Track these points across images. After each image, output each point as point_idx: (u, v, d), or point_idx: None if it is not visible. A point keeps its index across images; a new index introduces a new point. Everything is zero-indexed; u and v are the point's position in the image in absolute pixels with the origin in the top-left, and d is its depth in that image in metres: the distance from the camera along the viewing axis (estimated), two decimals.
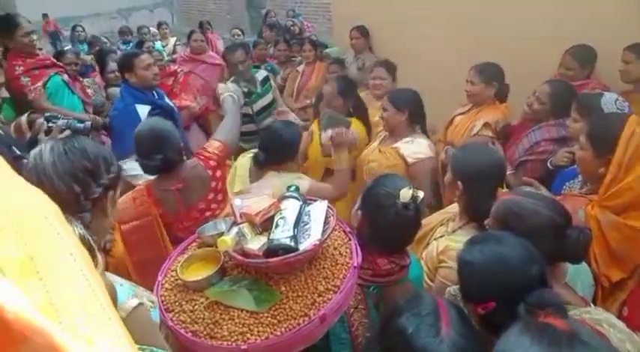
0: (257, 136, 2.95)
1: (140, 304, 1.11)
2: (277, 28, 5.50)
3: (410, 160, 2.30)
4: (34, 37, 3.06)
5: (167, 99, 3.03)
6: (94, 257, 0.85)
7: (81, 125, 2.17)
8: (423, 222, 1.76)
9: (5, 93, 2.09)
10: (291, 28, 5.95)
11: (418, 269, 1.51)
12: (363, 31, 4.13)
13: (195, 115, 3.81)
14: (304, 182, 2.14)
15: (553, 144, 2.29)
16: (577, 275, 1.45)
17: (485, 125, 2.54)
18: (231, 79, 3.32)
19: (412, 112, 2.40)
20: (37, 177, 1.07)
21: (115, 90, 3.74)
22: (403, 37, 3.83)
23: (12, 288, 0.32)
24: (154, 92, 2.83)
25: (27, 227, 0.38)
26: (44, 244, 0.39)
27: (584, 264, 1.48)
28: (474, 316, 1.07)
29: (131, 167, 2.57)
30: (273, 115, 3.37)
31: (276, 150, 2.19)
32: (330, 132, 2.30)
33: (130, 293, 1.11)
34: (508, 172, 2.14)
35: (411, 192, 1.29)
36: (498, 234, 1.20)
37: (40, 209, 0.43)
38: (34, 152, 1.15)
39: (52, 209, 0.44)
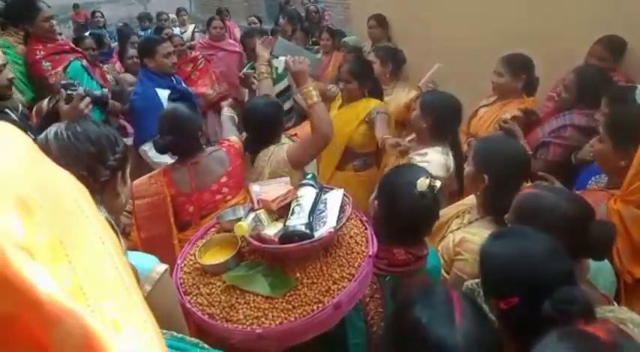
0: None
1: (166, 270, 1.12)
2: (293, 16, 5.46)
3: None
4: (54, 22, 3.09)
5: (184, 85, 3.09)
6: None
7: (99, 92, 2.20)
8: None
9: (10, 74, 2.08)
10: (313, 14, 5.88)
11: (436, 261, 1.48)
12: (380, 20, 4.06)
13: (212, 102, 3.83)
14: (281, 150, 2.02)
15: (580, 134, 2.20)
16: (598, 272, 1.41)
17: (512, 119, 2.43)
18: (248, 65, 3.44)
19: (436, 121, 2.08)
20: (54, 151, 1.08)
21: (126, 76, 3.77)
22: (424, 27, 3.76)
23: (43, 271, 0.32)
24: (173, 77, 2.90)
25: (58, 209, 0.39)
26: (74, 227, 0.39)
27: (605, 261, 1.44)
28: (495, 311, 1.06)
29: (155, 154, 2.60)
30: (290, 100, 3.45)
31: (262, 130, 2.07)
32: (282, 60, 2.17)
33: (153, 261, 1.12)
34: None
35: (428, 181, 1.27)
36: (522, 228, 1.18)
37: (70, 191, 0.43)
38: (40, 138, 1.14)
39: (81, 191, 0.44)
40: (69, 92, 1.99)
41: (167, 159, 2.56)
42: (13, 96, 2.24)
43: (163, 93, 2.74)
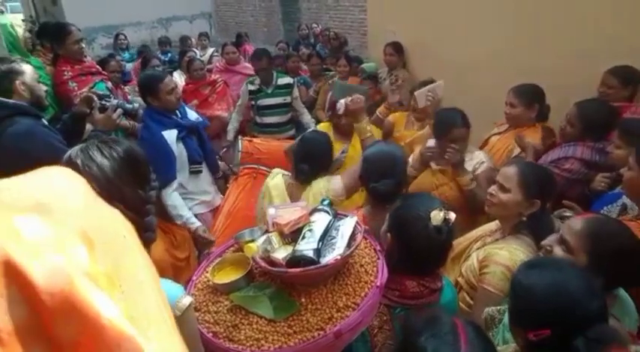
0: (254, 126, 3.91)
1: (191, 303, 1.13)
2: (309, 44, 5.56)
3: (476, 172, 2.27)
4: (83, 44, 3.23)
5: (190, 112, 2.94)
6: None
7: (130, 106, 2.27)
8: (458, 240, 1.75)
9: (44, 87, 2.20)
10: (332, 40, 5.97)
11: (452, 295, 1.46)
12: (397, 48, 4.16)
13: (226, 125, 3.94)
14: (337, 180, 2.15)
15: (582, 166, 2.20)
16: (623, 308, 1.38)
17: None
18: (248, 79, 3.94)
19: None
20: (98, 183, 1.00)
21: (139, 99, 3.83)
22: (438, 55, 3.83)
23: (106, 298, 0.36)
24: (178, 111, 2.75)
25: (111, 244, 0.43)
26: (123, 261, 0.44)
27: (628, 298, 1.42)
28: (521, 340, 1.05)
29: (175, 202, 2.62)
30: (277, 116, 3.87)
31: (318, 160, 2.20)
32: (343, 101, 2.31)
33: (180, 291, 1.14)
34: None
35: (442, 214, 1.26)
36: (557, 259, 1.18)
37: (120, 227, 0.48)
38: (77, 154, 1.10)
39: (128, 227, 0.49)
40: (103, 102, 2.08)
41: (184, 212, 2.62)
42: None
43: (171, 135, 2.58)
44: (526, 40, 3.22)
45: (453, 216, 1.30)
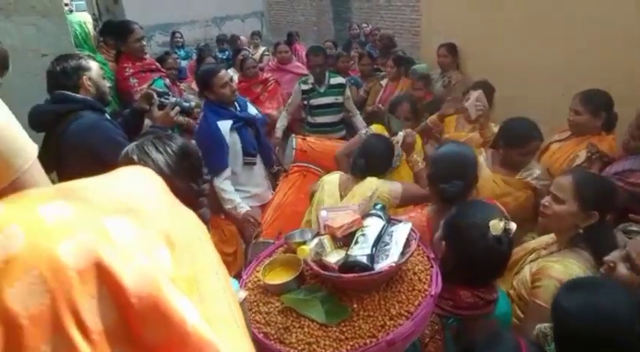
0: (306, 126, 3.89)
1: (246, 298, 1.16)
2: (361, 43, 5.52)
3: (538, 186, 2.21)
4: (144, 42, 3.37)
5: (250, 107, 3.10)
6: None
7: (187, 105, 2.36)
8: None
9: (108, 83, 2.32)
10: (377, 42, 5.92)
11: (507, 307, 1.41)
12: (451, 49, 4.05)
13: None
14: (397, 184, 2.18)
15: None
16: None
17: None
18: (301, 79, 3.94)
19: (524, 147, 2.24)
20: None
21: (188, 97, 3.93)
22: (494, 56, 3.69)
23: (189, 303, 0.37)
24: (237, 103, 2.89)
25: (188, 246, 0.44)
26: (199, 263, 0.44)
27: None
28: None
29: (226, 189, 2.76)
30: (329, 116, 3.87)
31: (376, 158, 2.24)
32: (400, 135, 2.39)
33: (236, 286, 1.16)
34: None
35: (502, 223, 1.21)
36: (600, 280, 1.11)
37: (196, 228, 0.48)
38: (133, 150, 1.16)
39: (202, 228, 0.49)
40: (162, 100, 2.16)
41: (234, 196, 2.75)
42: None
43: (225, 126, 2.73)
44: (593, 43, 3.03)
45: (513, 226, 1.25)
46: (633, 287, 1.15)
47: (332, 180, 2.28)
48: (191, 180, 1.15)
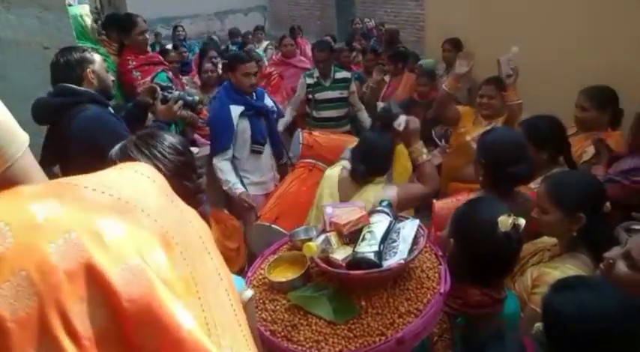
0: (311, 120, 3.84)
1: (252, 296, 1.14)
2: (368, 37, 5.48)
3: None
4: (147, 35, 3.35)
5: (267, 99, 3.17)
6: None
7: (190, 99, 2.35)
8: None
9: (112, 77, 2.30)
10: (391, 34, 5.81)
11: (515, 307, 1.39)
12: (455, 44, 4.01)
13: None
14: (392, 190, 2.07)
15: None
16: None
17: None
18: (306, 73, 3.96)
19: (552, 147, 2.11)
20: None
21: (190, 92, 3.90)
22: (500, 51, 3.65)
23: (184, 308, 0.35)
24: (254, 93, 2.99)
25: (189, 246, 0.42)
26: (200, 264, 0.42)
27: None
28: None
29: (222, 169, 2.83)
30: (334, 110, 3.84)
31: (375, 162, 2.12)
32: (403, 118, 2.16)
33: (242, 284, 1.15)
34: None
35: (511, 219, 1.19)
36: (592, 279, 1.10)
37: (197, 229, 0.46)
38: (117, 154, 1.14)
39: (204, 226, 0.47)
40: (165, 94, 2.14)
41: (230, 177, 2.84)
42: None
43: (236, 110, 2.84)
44: (600, 40, 3.00)
45: (522, 222, 1.22)
46: (632, 286, 1.13)
47: (332, 176, 2.22)
48: (184, 179, 1.12)
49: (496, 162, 1.72)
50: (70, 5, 3.24)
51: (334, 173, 2.23)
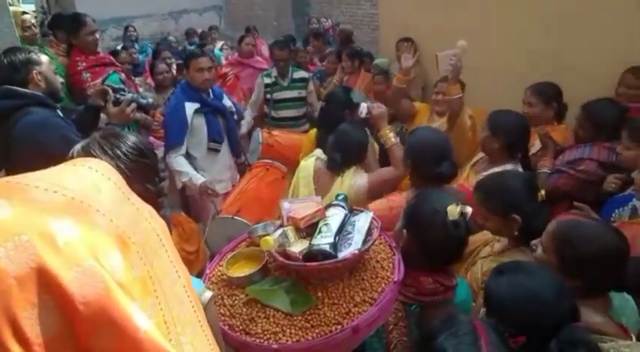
0: (269, 120, 3.85)
1: (212, 297, 1.14)
2: (324, 37, 5.52)
3: None
4: (97, 36, 3.23)
5: (225, 99, 3.17)
6: None
7: (144, 101, 2.30)
8: None
9: (61, 79, 2.22)
10: (345, 34, 5.87)
11: (466, 295, 1.45)
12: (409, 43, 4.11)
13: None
14: (362, 177, 2.12)
15: (597, 167, 2.15)
16: (621, 310, 1.35)
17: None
18: (263, 73, 3.95)
19: (507, 140, 2.10)
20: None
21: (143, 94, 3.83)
22: (451, 47, 3.78)
23: (141, 311, 0.35)
24: (211, 91, 2.98)
25: (146, 245, 0.42)
26: (158, 262, 0.43)
27: (629, 298, 1.40)
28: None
29: (177, 163, 2.81)
30: (293, 110, 3.88)
31: (351, 151, 2.18)
32: (364, 106, 2.26)
33: (201, 286, 1.14)
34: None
35: (459, 208, 1.26)
36: (527, 264, 1.18)
37: (153, 227, 0.46)
38: (79, 152, 1.10)
39: (161, 224, 0.47)
40: (117, 96, 2.08)
41: (188, 169, 2.82)
42: None
43: (191, 107, 2.83)
44: (544, 36, 3.17)
45: (469, 209, 1.30)
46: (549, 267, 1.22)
47: (307, 167, 2.24)
48: (146, 181, 1.10)
49: (421, 162, 1.79)
50: (11, 4, 3.09)
51: (309, 163, 2.26)
